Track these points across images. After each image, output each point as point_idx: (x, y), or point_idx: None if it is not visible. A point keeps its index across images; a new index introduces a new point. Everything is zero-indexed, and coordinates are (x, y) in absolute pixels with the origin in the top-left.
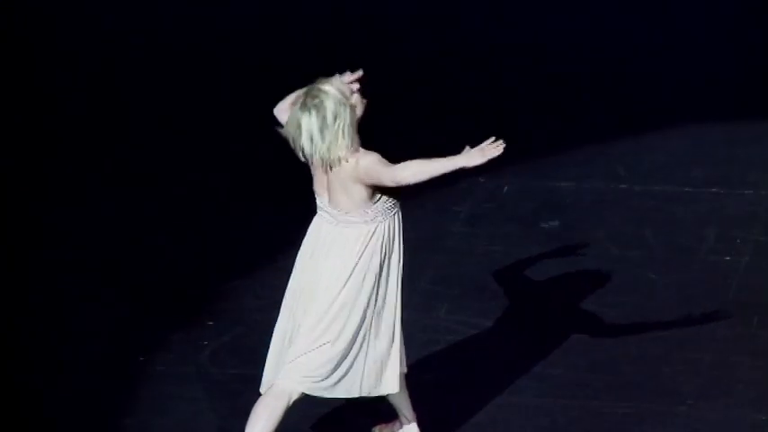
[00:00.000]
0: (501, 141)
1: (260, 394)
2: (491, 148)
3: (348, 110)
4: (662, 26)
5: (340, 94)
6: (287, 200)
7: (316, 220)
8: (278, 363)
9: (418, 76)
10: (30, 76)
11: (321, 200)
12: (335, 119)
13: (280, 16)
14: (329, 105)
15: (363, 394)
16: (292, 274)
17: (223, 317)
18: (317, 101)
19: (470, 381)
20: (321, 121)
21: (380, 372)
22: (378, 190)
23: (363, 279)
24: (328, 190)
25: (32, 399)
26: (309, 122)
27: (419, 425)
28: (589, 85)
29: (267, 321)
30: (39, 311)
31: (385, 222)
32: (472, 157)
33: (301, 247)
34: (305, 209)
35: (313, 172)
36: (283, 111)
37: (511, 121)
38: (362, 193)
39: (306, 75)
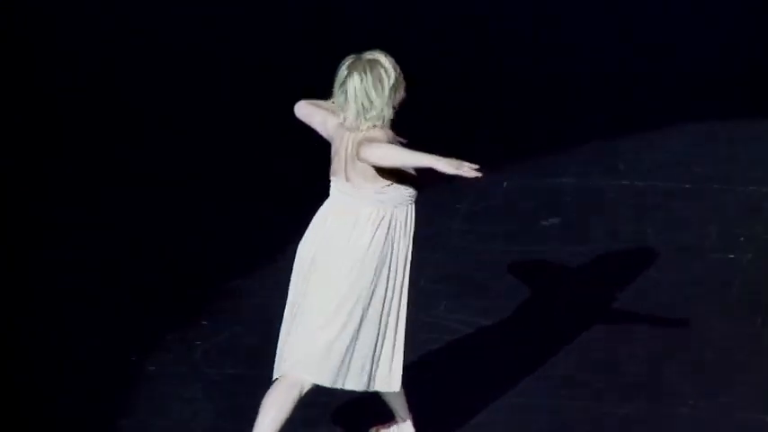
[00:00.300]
0: (480, 172)
1: (259, 393)
2: (467, 168)
3: (397, 85)
4: (662, 26)
5: (394, 68)
6: (287, 200)
7: (326, 204)
8: (282, 351)
9: (418, 76)
10: (30, 76)
11: (336, 180)
12: (389, 87)
13: (280, 16)
14: (389, 74)
15: (374, 389)
16: (298, 256)
17: (222, 317)
18: (372, 64)
19: (469, 380)
20: (375, 82)
21: (389, 367)
22: (382, 172)
23: (374, 267)
24: (345, 166)
25: (32, 399)
26: (363, 80)
27: (416, 425)
28: (589, 85)
29: (266, 321)
30: (39, 311)
31: (397, 210)
32: (445, 164)
33: (307, 232)
34: (305, 209)
35: (334, 151)
36: (303, 107)
37: (511, 121)
38: (364, 167)
39: (306, 75)
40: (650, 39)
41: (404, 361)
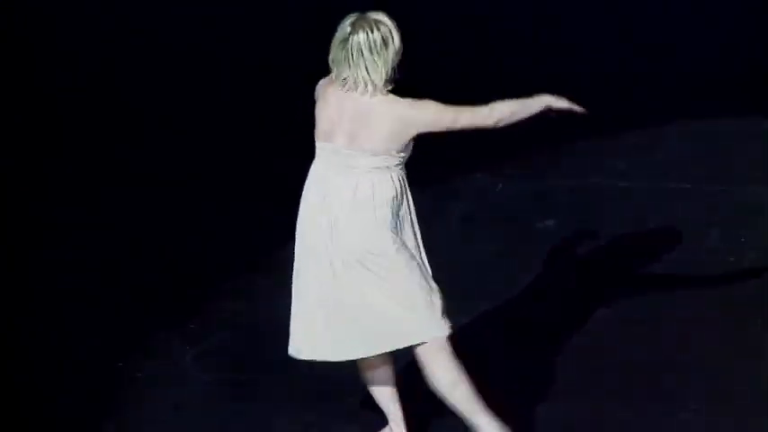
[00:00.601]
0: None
1: (264, 395)
2: (577, 107)
3: (399, 47)
4: (662, 26)
5: (397, 29)
6: (287, 200)
7: (322, 173)
8: (334, 337)
9: (419, 76)
10: (30, 76)
11: (331, 146)
12: (393, 47)
13: (280, 16)
14: (393, 33)
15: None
16: (305, 233)
17: (222, 317)
18: (378, 23)
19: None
20: (381, 41)
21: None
22: (413, 138)
23: (411, 224)
24: (349, 132)
25: (32, 399)
26: (368, 38)
27: (410, 429)
28: (589, 85)
29: (265, 322)
30: (39, 311)
31: (402, 172)
32: (559, 100)
33: (310, 202)
34: None
35: (319, 109)
36: (322, 85)
37: None
38: (403, 139)
39: (306, 75)
40: (650, 39)
41: (400, 364)
